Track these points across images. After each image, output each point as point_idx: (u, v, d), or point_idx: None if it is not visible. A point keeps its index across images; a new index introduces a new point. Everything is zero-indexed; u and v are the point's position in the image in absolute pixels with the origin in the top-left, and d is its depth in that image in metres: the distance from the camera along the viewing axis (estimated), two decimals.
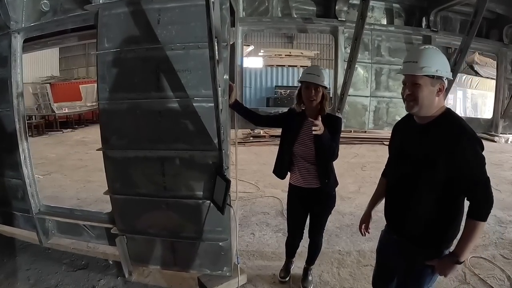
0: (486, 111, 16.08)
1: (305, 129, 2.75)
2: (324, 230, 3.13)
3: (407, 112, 1.88)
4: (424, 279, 1.91)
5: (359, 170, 7.63)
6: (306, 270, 3.31)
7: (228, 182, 2.35)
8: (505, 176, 7.30)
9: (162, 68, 2.69)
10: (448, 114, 1.80)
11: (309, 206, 2.96)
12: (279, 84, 15.65)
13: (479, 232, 1.72)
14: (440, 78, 1.72)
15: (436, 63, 1.71)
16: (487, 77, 15.68)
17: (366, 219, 2.35)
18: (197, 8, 2.54)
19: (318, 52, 20.27)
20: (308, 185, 2.83)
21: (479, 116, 13.64)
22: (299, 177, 2.86)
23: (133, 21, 2.72)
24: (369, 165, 8.11)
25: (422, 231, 1.87)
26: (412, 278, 1.97)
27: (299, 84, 2.78)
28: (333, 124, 2.68)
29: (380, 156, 9.40)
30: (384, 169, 2.28)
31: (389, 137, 2.19)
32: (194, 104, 2.67)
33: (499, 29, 5.08)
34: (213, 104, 2.43)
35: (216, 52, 2.10)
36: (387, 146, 2.19)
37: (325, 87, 2.69)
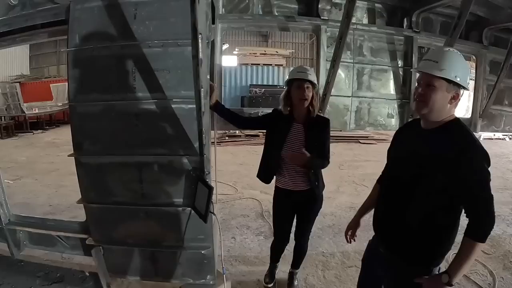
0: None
1: (294, 132, 2.69)
2: None
3: (414, 114, 1.80)
4: None
5: (337, 169, 7.70)
6: (292, 274, 3.27)
7: (210, 188, 2.22)
8: None
9: (138, 67, 2.50)
10: (457, 122, 1.70)
11: (298, 208, 2.91)
12: (254, 83, 15.59)
13: (475, 254, 1.59)
14: (457, 85, 1.63)
15: (457, 69, 1.62)
16: None
17: (353, 226, 2.25)
18: (177, 3, 2.38)
19: (293, 50, 20.48)
20: (298, 188, 2.80)
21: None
22: (288, 180, 2.80)
23: (107, 15, 2.51)
24: (346, 164, 8.23)
25: (412, 245, 1.76)
26: None
27: (284, 86, 2.74)
28: (324, 127, 2.68)
29: (356, 154, 9.55)
30: (380, 175, 2.14)
31: (366, 136, 2.14)
32: (173, 106, 2.50)
33: (478, 31, 5.21)
34: (193, 106, 2.28)
35: (200, 51, 1.96)
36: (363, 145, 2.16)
37: (315, 85, 2.63)
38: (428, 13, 4.71)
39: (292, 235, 3.10)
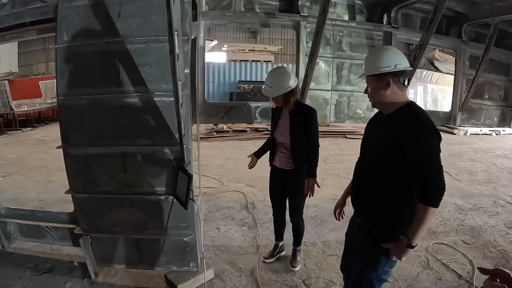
0: (446, 105, 16.89)
1: (282, 120, 3.21)
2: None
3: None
4: (379, 260, 2.02)
5: (322, 163, 7.74)
6: (295, 251, 3.55)
7: (190, 176, 2.34)
8: (464, 166, 7.70)
9: (122, 62, 2.63)
10: (409, 105, 1.94)
11: (283, 185, 3.33)
12: (243, 79, 15.77)
13: (429, 218, 1.80)
14: (382, 74, 1.89)
15: (375, 62, 1.92)
16: (447, 73, 16.43)
17: (340, 205, 2.46)
18: (159, 1, 2.49)
19: (282, 47, 20.36)
20: (283, 166, 3.27)
21: (438, 110, 14.25)
22: (277, 159, 3.33)
23: (93, 14, 2.64)
24: (332, 158, 8.29)
25: (380, 213, 2.00)
26: (368, 257, 2.09)
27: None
28: (306, 115, 3.09)
29: (343, 149, 9.63)
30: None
31: (351, 131, 2.33)
32: (155, 99, 2.64)
33: (458, 26, 5.34)
34: (173, 99, 2.42)
35: (176, 46, 2.08)
36: (350, 139, 2.34)
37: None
38: (408, 9, 4.83)
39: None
